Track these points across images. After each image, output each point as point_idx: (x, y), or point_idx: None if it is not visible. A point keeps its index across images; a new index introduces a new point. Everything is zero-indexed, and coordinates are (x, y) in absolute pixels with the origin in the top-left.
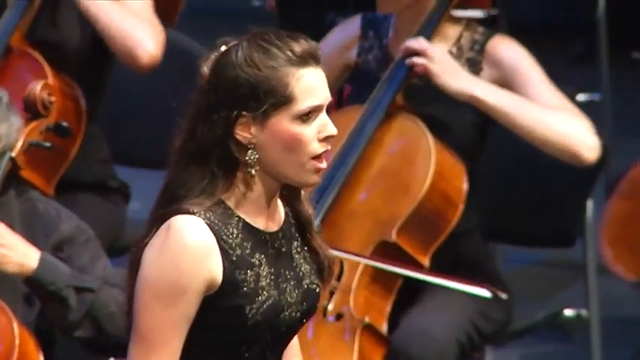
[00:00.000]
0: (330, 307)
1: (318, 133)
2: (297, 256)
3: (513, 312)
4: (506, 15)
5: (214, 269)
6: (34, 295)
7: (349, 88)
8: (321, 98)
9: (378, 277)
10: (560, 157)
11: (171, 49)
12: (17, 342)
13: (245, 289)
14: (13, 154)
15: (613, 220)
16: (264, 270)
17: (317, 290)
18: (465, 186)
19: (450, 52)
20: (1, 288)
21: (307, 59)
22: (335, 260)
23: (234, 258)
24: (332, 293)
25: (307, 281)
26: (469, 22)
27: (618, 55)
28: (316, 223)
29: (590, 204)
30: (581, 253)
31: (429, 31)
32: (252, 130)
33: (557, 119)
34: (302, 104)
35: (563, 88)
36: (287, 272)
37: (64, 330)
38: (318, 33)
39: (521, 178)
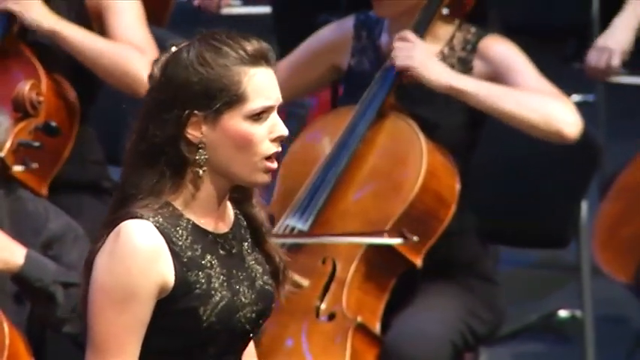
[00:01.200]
0: (323, 306)
1: (269, 134)
2: (248, 256)
3: (506, 313)
4: (499, 16)
5: (165, 272)
6: (23, 295)
7: (342, 89)
8: (273, 99)
9: (370, 277)
10: (543, 137)
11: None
12: (7, 342)
13: (198, 290)
14: (2, 154)
15: (603, 222)
16: (216, 271)
17: (271, 290)
18: (457, 185)
19: (442, 53)
20: None
21: (259, 59)
22: (328, 261)
23: (185, 260)
24: (325, 293)
25: (260, 282)
26: (462, 23)
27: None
28: (268, 225)
29: (584, 205)
30: (575, 255)
31: (421, 32)
32: (204, 129)
33: (536, 100)
34: (254, 103)
35: (557, 88)
36: (239, 273)
37: (53, 326)
38: (309, 33)
39: (515, 179)
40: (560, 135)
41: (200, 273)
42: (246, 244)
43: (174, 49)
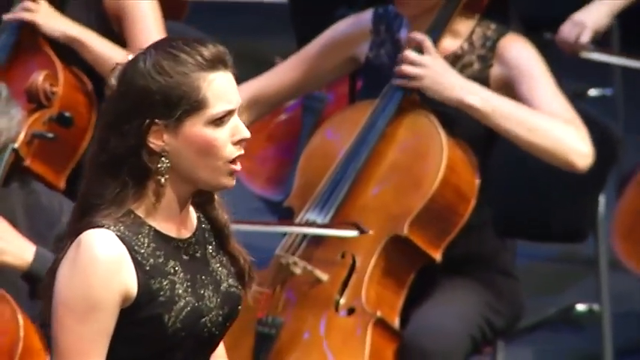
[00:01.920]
0: (342, 301)
1: (231, 137)
2: (212, 260)
3: (525, 306)
4: (518, 10)
5: (128, 281)
6: (35, 291)
7: (361, 84)
8: (233, 102)
9: (390, 272)
10: (552, 163)
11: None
12: (22, 334)
13: (161, 298)
14: (16, 146)
15: (625, 214)
16: (180, 277)
17: (237, 292)
18: (477, 180)
19: (462, 48)
20: (3, 284)
21: (216, 63)
22: (347, 256)
23: (148, 268)
24: (344, 287)
25: (225, 284)
26: (482, 18)
27: (630, 49)
28: (232, 227)
29: (602, 199)
30: (592, 248)
31: (439, 30)
32: (165, 137)
33: (550, 127)
34: (215, 108)
35: (575, 83)
36: (203, 277)
37: None
38: (327, 27)
39: (533, 173)
40: (570, 165)
41: (163, 280)
42: (210, 247)
43: (130, 57)
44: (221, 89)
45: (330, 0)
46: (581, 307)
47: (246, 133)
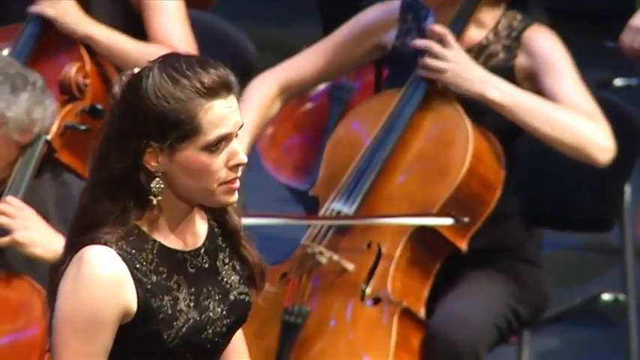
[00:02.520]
0: (368, 291)
1: (227, 162)
2: (224, 267)
3: (550, 296)
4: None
5: (128, 299)
6: None
7: (387, 72)
8: (230, 126)
9: (415, 262)
10: (573, 157)
11: (207, 32)
12: None
13: (161, 315)
14: (49, 137)
15: None
16: (183, 292)
17: (245, 300)
18: (502, 169)
19: (487, 38)
20: (34, 277)
21: (217, 90)
22: (373, 245)
23: (149, 286)
24: (370, 277)
25: (235, 292)
26: (507, 8)
27: None
28: (244, 230)
29: (627, 188)
30: (618, 238)
31: (463, 20)
32: (160, 159)
33: (571, 121)
34: (209, 135)
35: (600, 72)
36: (210, 288)
37: None
38: (354, 14)
39: (558, 162)
40: (592, 160)
41: (165, 297)
42: (222, 254)
43: (136, 70)
44: (218, 116)
45: None
46: (606, 296)
47: (242, 159)
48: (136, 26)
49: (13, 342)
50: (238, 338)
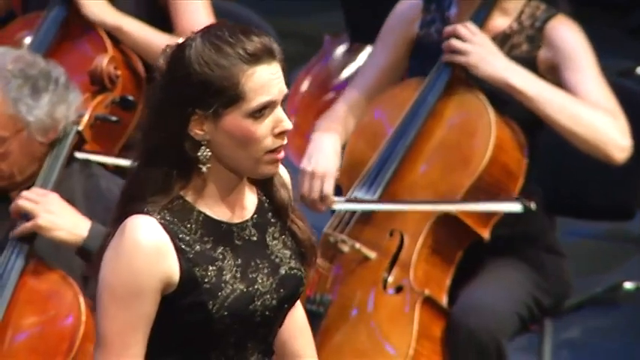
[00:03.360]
0: (390, 279)
1: (272, 129)
2: (273, 242)
3: (572, 285)
4: None
5: (169, 268)
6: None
7: (410, 61)
8: (274, 94)
9: (437, 250)
10: (589, 153)
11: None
12: (83, 318)
13: (206, 285)
14: (80, 128)
15: None
16: (229, 263)
17: (298, 274)
18: (525, 158)
19: (511, 27)
20: (59, 263)
21: (260, 56)
22: (395, 234)
23: (192, 255)
24: (392, 266)
25: (286, 267)
26: None
27: None
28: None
29: None
30: None
31: (487, 9)
32: (205, 127)
33: (590, 117)
34: (253, 102)
35: (622, 61)
36: (258, 261)
37: None
38: (377, 2)
39: (580, 151)
40: (607, 157)
41: (210, 267)
42: (272, 228)
43: (180, 41)
44: (261, 83)
45: None
46: (628, 285)
47: (287, 125)
48: (161, 18)
49: (41, 333)
50: (305, 328)
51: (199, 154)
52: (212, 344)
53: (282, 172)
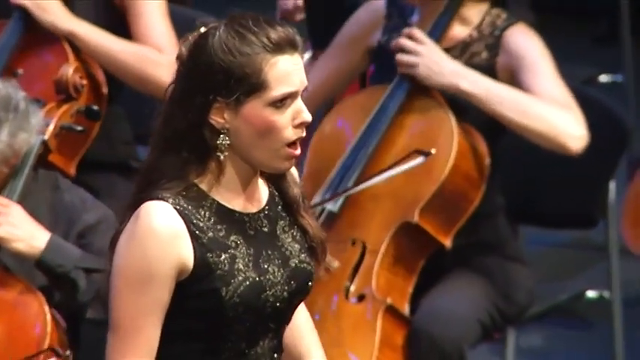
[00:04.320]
0: (352, 288)
1: (292, 120)
2: (283, 235)
3: (535, 293)
4: None
5: (184, 254)
6: (48, 281)
7: (372, 68)
8: (296, 84)
9: (399, 259)
10: (546, 147)
11: (188, 27)
12: (49, 329)
13: (219, 271)
14: (46, 137)
15: (633, 202)
16: (241, 251)
17: (307, 268)
18: (487, 166)
19: (470, 36)
20: (23, 274)
21: (283, 46)
22: (357, 243)
23: (205, 241)
24: (354, 274)
25: (295, 260)
26: (492, 6)
27: None
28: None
29: (612, 185)
30: (603, 235)
31: (448, 17)
32: (226, 115)
33: (542, 110)
34: (275, 91)
35: (586, 69)
36: (269, 252)
37: (75, 312)
38: (339, 11)
39: (543, 159)
40: (563, 148)
41: (223, 254)
42: (282, 222)
43: (203, 29)
44: (283, 72)
45: None
46: (591, 293)
47: (307, 117)
48: (120, 23)
49: (8, 343)
50: (309, 327)
51: (218, 141)
52: (224, 335)
53: (292, 170)
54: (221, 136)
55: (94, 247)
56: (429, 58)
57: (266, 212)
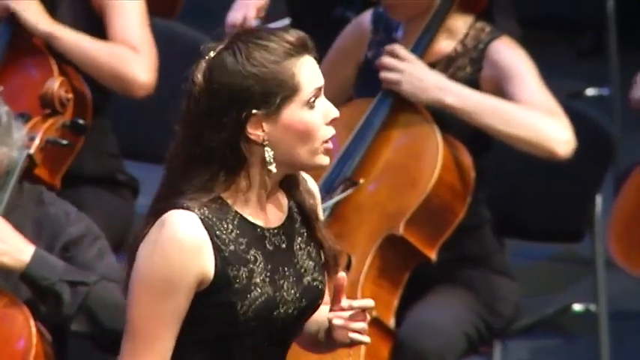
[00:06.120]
0: None
1: (324, 118)
2: (299, 252)
3: (521, 306)
4: (516, 10)
5: (206, 265)
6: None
7: (359, 82)
8: (322, 80)
9: (385, 272)
10: (533, 153)
11: (181, 42)
12: (34, 341)
13: (237, 285)
14: (32, 152)
15: (620, 215)
16: (260, 266)
17: (319, 287)
18: (472, 179)
19: (455, 50)
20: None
21: (303, 47)
22: (342, 255)
23: (227, 254)
24: None
25: (309, 278)
26: (477, 20)
27: (627, 48)
28: (323, 216)
29: (598, 199)
30: (589, 248)
31: (432, 32)
32: (265, 127)
33: (527, 117)
34: (308, 90)
35: (572, 82)
36: (285, 269)
37: (60, 325)
38: (325, 27)
39: (530, 172)
40: (550, 153)
41: (242, 268)
42: (300, 238)
43: (212, 53)
44: (311, 71)
45: (328, 0)
46: (577, 307)
47: (336, 112)
48: (98, 26)
49: None
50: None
51: (266, 156)
52: (234, 346)
53: (308, 179)
54: (266, 149)
55: (78, 259)
56: (411, 74)
57: (285, 228)
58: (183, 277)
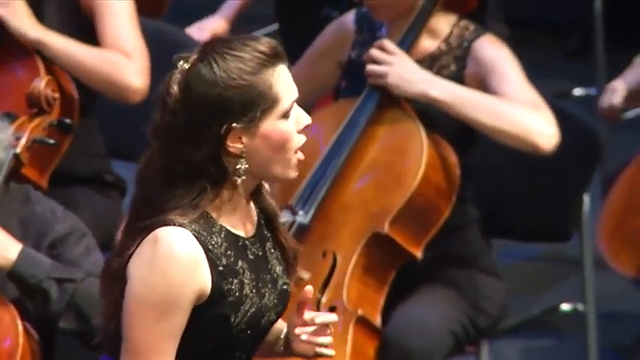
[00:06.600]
0: (324, 300)
1: (297, 125)
2: (271, 257)
3: (509, 306)
4: (503, 10)
5: (203, 281)
6: (20, 292)
7: (343, 83)
8: (296, 90)
9: (371, 270)
10: (517, 147)
11: (169, 42)
12: (21, 340)
13: (231, 298)
14: (18, 151)
15: (610, 215)
16: (247, 277)
17: (288, 290)
18: (457, 177)
19: (439, 49)
20: None
21: (276, 56)
22: (328, 254)
23: (221, 268)
24: (325, 286)
25: (281, 282)
26: (460, 19)
27: (614, 49)
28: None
29: (586, 198)
30: (577, 248)
31: (416, 31)
32: (244, 139)
33: (511, 111)
34: (285, 102)
35: (560, 82)
36: (265, 276)
37: (48, 322)
38: (312, 27)
39: (517, 172)
40: (534, 147)
41: (234, 280)
42: (268, 243)
43: (185, 66)
44: (286, 81)
45: (315, 1)
46: (565, 306)
47: (308, 119)
48: (87, 32)
49: None
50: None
51: (238, 166)
52: (228, 356)
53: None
54: (241, 160)
55: (65, 257)
56: (399, 66)
57: (258, 235)
58: (182, 294)
